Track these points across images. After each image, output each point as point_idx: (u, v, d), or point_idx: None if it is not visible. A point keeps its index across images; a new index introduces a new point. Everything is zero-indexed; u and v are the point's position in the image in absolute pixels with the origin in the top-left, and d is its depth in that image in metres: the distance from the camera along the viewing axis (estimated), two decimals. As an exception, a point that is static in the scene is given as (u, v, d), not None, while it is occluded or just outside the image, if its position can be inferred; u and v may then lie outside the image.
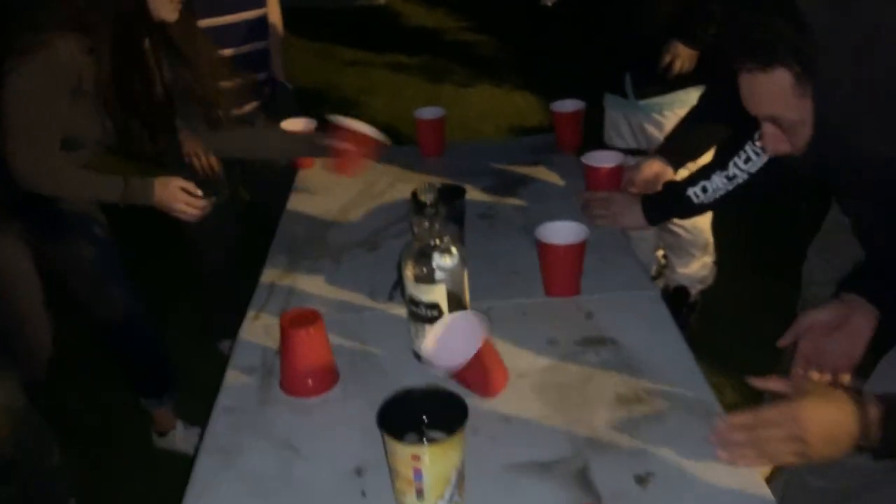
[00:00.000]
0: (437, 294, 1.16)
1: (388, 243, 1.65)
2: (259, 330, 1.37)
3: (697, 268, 2.51)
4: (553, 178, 1.92)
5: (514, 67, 5.54)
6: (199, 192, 1.68)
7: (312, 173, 2.04)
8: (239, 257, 2.40)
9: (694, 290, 2.55)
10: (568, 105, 2.05)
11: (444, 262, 1.15)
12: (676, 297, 2.57)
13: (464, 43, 6.36)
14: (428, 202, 1.13)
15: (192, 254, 2.44)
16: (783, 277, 2.28)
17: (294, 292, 1.48)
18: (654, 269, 2.72)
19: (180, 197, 1.65)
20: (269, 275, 1.55)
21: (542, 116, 4.59)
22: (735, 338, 2.46)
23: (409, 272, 1.17)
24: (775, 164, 1.41)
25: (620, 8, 2.20)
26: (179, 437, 2.20)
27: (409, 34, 6.71)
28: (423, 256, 1.15)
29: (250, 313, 1.42)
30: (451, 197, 1.45)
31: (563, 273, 1.37)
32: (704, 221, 2.43)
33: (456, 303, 1.18)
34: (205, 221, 1.90)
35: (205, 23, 2.06)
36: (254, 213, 2.46)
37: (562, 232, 1.37)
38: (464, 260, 1.18)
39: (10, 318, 1.67)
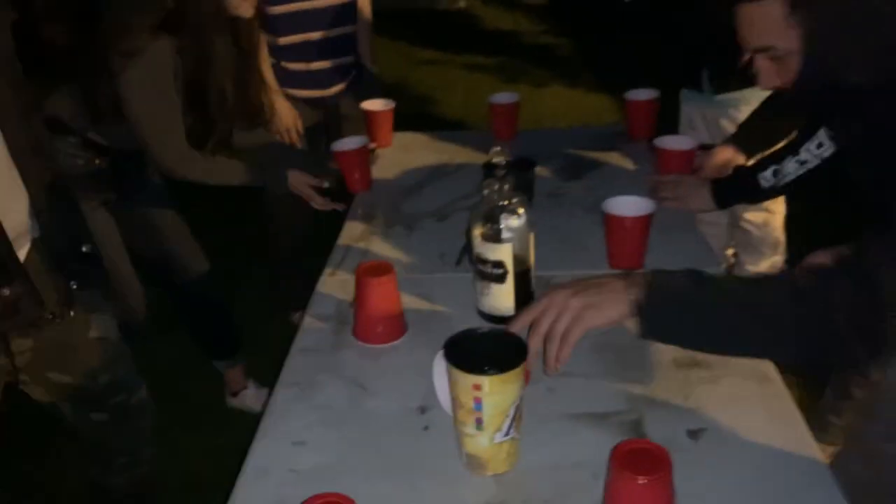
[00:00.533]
0: (503, 253, 1.22)
1: (457, 214, 1.71)
2: (335, 284, 1.46)
3: (767, 267, 2.48)
4: (624, 163, 1.95)
5: (590, 69, 5.55)
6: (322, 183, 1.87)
7: (389, 151, 2.13)
8: (312, 235, 2.51)
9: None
10: (642, 94, 2.07)
11: (511, 222, 1.21)
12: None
13: (541, 45, 6.41)
14: (499, 164, 1.20)
15: (269, 229, 2.56)
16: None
17: (368, 254, 1.56)
18: (723, 267, 2.70)
19: (311, 181, 1.83)
20: (345, 237, 1.64)
21: (617, 116, 4.57)
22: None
23: (477, 231, 1.23)
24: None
25: (698, 3, 2.21)
26: (251, 396, 2.32)
27: (487, 36, 6.81)
28: (491, 216, 1.21)
29: (327, 270, 1.51)
30: (521, 168, 1.51)
31: (627, 245, 1.40)
32: (776, 220, 2.41)
33: (521, 263, 1.24)
34: (285, 200, 2.06)
35: (295, 6, 2.19)
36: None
37: (628, 205, 1.41)
38: (530, 222, 1.24)
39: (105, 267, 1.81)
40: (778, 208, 2.40)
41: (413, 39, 6.54)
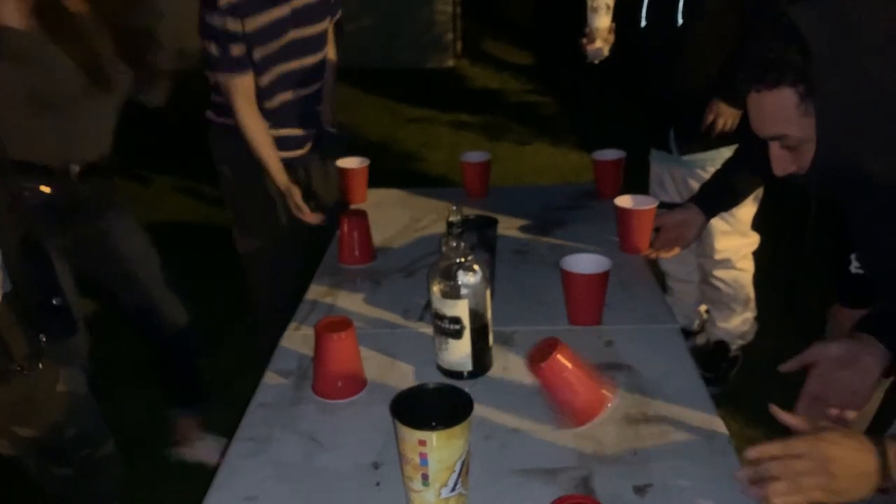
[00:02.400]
0: (460, 309, 1.25)
1: (424, 270, 1.75)
2: (298, 339, 1.48)
3: (738, 323, 2.52)
4: (590, 221, 2.00)
5: (573, 128, 5.68)
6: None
7: (363, 208, 2.17)
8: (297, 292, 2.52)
9: (734, 346, 2.55)
10: (609, 154, 2.14)
11: (467, 279, 1.24)
12: (716, 352, 2.57)
13: (525, 104, 6.56)
14: (455, 222, 1.24)
15: (247, 281, 2.57)
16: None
17: (334, 309, 1.59)
18: (696, 324, 2.74)
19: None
20: (313, 292, 1.67)
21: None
22: (773, 395, 2.44)
23: (435, 288, 1.26)
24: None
25: (664, 66, 2.30)
26: (206, 449, 2.31)
27: (473, 95, 6.97)
28: (448, 273, 1.25)
29: (292, 325, 1.53)
30: (483, 226, 1.55)
31: (585, 302, 1.44)
32: (745, 277, 2.46)
33: (477, 318, 1.27)
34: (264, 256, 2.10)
35: (281, 68, 2.21)
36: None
37: (586, 263, 1.45)
38: (486, 279, 1.27)
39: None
40: (747, 265, 2.45)
41: (401, 97, 6.69)
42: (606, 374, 1.30)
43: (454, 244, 1.25)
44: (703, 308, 2.72)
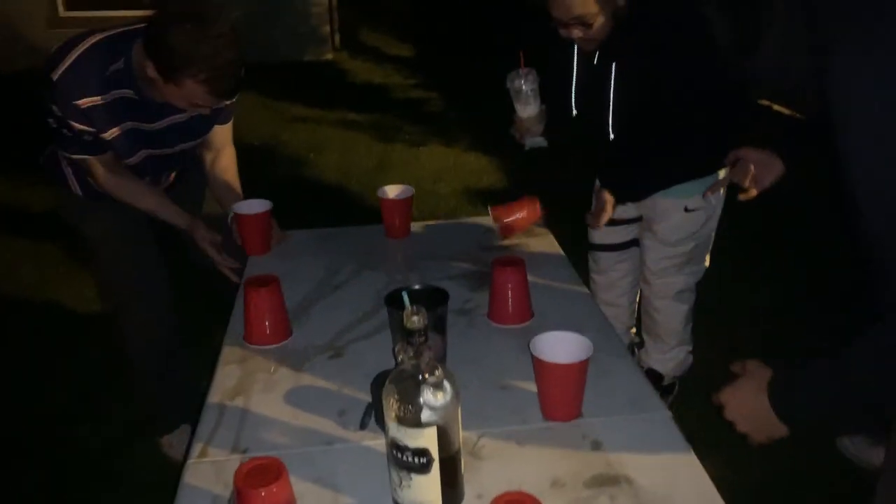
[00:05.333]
0: (426, 439, 0.97)
1: (355, 348, 1.45)
2: (207, 473, 1.13)
3: (672, 356, 2.36)
4: (532, 261, 1.76)
5: (464, 126, 5.47)
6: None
7: (266, 261, 1.83)
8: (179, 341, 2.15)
9: (669, 377, 2.40)
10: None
11: (434, 400, 0.96)
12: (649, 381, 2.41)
13: (413, 100, 6.29)
14: (416, 329, 0.95)
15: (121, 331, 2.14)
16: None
17: (248, 417, 1.25)
18: (626, 345, 2.58)
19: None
20: (217, 390, 1.33)
21: (495, 177, 4.49)
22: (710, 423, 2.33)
23: (391, 411, 0.97)
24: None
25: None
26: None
27: (358, 90, 6.61)
28: (408, 395, 0.96)
29: (195, 448, 1.19)
30: (432, 302, 1.27)
31: (565, 395, 1.19)
32: (683, 310, 2.29)
33: (448, 446, 0.99)
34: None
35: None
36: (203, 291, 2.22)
37: (561, 345, 1.20)
38: (457, 393, 1.00)
39: None
40: (687, 298, 2.28)
41: (279, 94, 6.22)
42: (603, 493, 1.07)
43: (412, 354, 0.96)
44: (633, 330, 2.57)
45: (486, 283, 1.67)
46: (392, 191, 1.92)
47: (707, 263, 2.24)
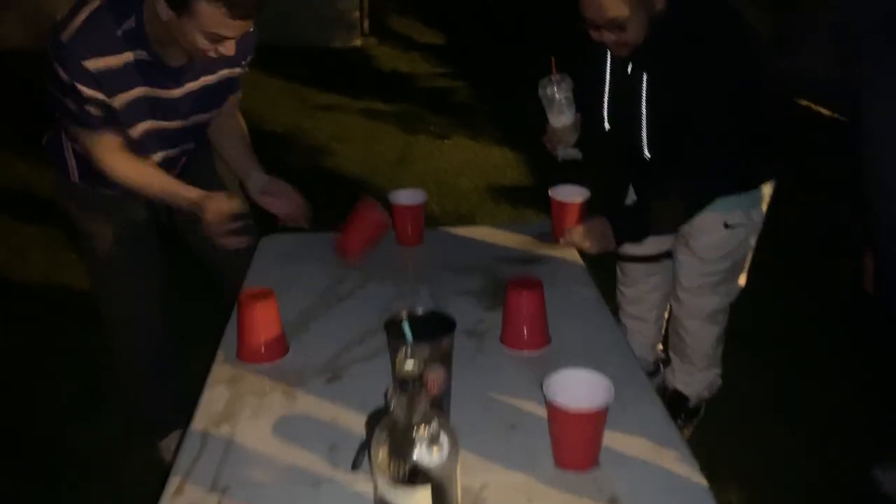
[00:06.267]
0: (419, 499, 0.85)
1: (353, 371, 1.34)
2: (183, 513, 1.04)
3: (700, 378, 2.22)
4: (554, 281, 1.63)
5: (491, 118, 5.32)
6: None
7: (269, 264, 1.73)
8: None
9: (694, 399, 2.26)
10: (571, 193, 1.77)
11: (430, 457, 0.85)
12: (673, 402, 2.27)
13: (439, 89, 6.14)
14: (410, 376, 0.83)
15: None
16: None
17: (232, 449, 1.15)
18: (651, 363, 2.44)
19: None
20: (203, 415, 1.23)
21: (520, 173, 4.35)
22: (735, 450, 2.20)
23: (381, 465, 0.86)
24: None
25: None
26: None
27: (384, 78, 6.48)
28: (402, 451, 0.84)
29: (173, 481, 1.09)
30: (437, 331, 1.15)
31: (580, 444, 1.07)
32: (714, 332, 2.14)
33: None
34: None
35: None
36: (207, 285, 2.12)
37: (579, 386, 1.07)
38: (456, 447, 0.88)
39: None
40: (719, 319, 2.13)
41: (307, 80, 6.12)
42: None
43: (406, 403, 0.84)
44: (660, 347, 2.42)
45: (501, 300, 1.55)
46: (404, 196, 1.80)
47: (743, 283, 2.09)
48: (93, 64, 1.48)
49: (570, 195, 1.77)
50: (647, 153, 1.82)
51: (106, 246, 1.80)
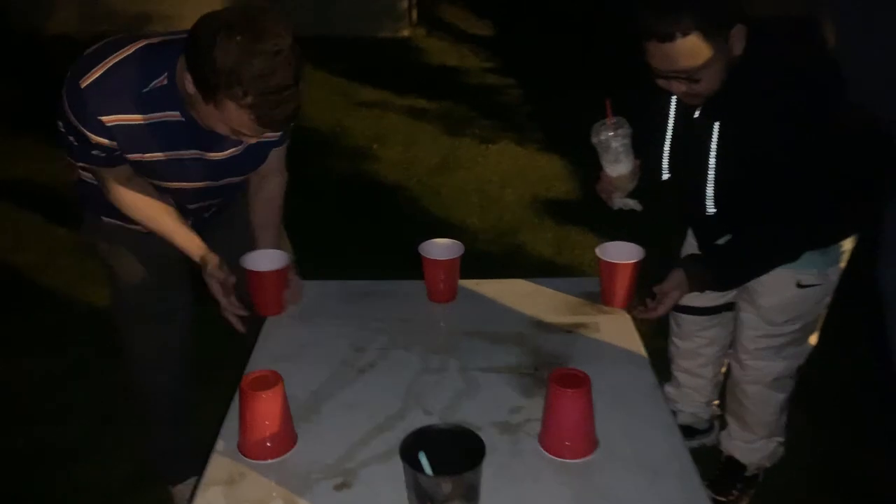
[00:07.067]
0: None
1: (368, 474, 1.16)
2: None
3: (760, 447, 1.99)
4: (601, 359, 1.43)
5: (541, 121, 5.07)
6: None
7: (281, 324, 1.57)
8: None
9: (752, 469, 2.04)
10: (621, 251, 1.57)
11: None
12: (729, 469, 2.05)
13: (487, 87, 5.90)
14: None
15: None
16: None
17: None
18: (705, 422, 2.22)
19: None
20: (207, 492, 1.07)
21: (568, 186, 4.11)
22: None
23: None
24: None
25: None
26: None
27: (430, 73, 6.26)
28: None
29: None
30: (461, 457, 0.96)
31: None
32: (777, 398, 1.91)
33: None
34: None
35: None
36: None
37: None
38: None
39: None
40: (785, 385, 1.90)
41: (350, 74, 5.95)
42: None
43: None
44: (716, 403, 2.20)
45: (537, 382, 1.36)
46: (437, 248, 1.61)
47: (814, 342, 1.86)
48: (109, 119, 1.34)
49: (621, 254, 1.57)
50: (710, 208, 1.60)
51: (131, 287, 1.66)
